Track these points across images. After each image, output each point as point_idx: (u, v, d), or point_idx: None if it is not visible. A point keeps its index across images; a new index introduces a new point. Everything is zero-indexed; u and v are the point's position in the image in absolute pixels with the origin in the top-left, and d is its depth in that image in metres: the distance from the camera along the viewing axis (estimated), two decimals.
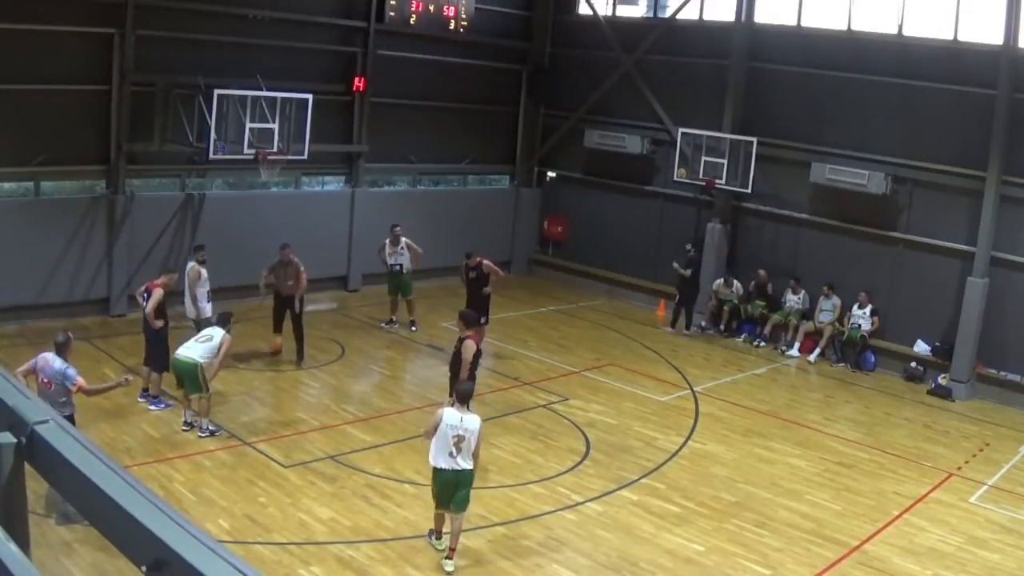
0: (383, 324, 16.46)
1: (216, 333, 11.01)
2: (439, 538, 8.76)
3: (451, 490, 8.46)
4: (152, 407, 11.63)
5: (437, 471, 8.47)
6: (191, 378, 10.85)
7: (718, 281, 17.85)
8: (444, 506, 8.56)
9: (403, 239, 16.08)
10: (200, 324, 12.45)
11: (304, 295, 14.00)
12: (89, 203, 15.31)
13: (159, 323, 11.66)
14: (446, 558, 8.53)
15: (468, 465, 8.43)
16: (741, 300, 17.78)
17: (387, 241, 16.19)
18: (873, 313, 16.31)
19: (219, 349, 10.89)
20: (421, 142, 19.77)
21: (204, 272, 13.06)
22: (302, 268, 13.89)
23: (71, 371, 8.67)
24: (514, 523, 9.57)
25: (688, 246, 18.20)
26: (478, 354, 11.24)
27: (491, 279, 15.13)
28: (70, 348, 9.01)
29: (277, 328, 14.12)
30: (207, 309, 12.95)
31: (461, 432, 8.36)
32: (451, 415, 8.45)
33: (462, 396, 8.70)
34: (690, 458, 11.82)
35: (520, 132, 21.75)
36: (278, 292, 14.11)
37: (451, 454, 8.37)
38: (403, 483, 10.27)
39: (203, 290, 13.03)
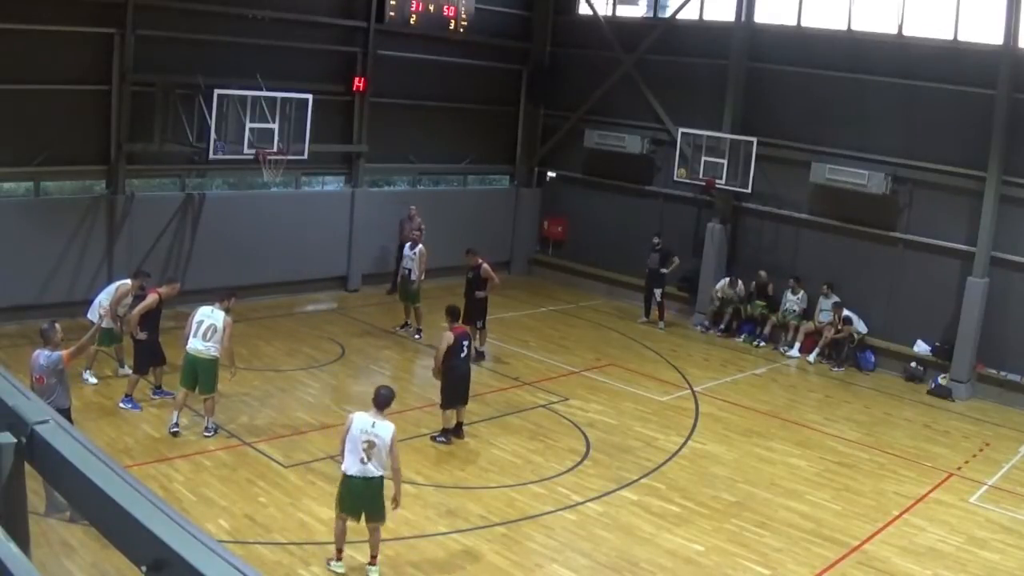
0: (397, 328, 16.31)
1: (217, 318, 10.86)
2: (339, 559, 8.27)
3: (360, 499, 8.18)
4: (123, 404, 11.55)
5: (347, 478, 8.17)
6: (209, 374, 10.80)
7: (722, 282, 17.84)
8: (350, 514, 8.23)
9: (419, 245, 16.07)
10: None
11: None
12: (89, 203, 15.31)
13: (142, 335, 11.47)
14: (369, 564, 8.28)
15: (378, 472, 8.15)
16: (742, 300, 17.79)
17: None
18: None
19: (224, 333, 10.80)
20: (421, 142, 19.76)
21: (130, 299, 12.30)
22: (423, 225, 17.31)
23: (56, 354, 8.76)
24: (514, 523, 9.57)
25: (655, 239, 18.28)
26: (458, 348, 11.39)
27: (487, 284, 15.07)
28: (55, 336, 8.95)
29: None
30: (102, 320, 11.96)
31: (371, 437, 8.09)
32: (361, 419, 8.19)
33: (378, 401, 8.39)
34: (690, 458, 11.82)
35: (520, 132, 21.74)
36: (402, 244, 17.12)
37: (362, 460, 8.09)
38: (403, 483, 10.24)
39: (120, 309, 12.31)
